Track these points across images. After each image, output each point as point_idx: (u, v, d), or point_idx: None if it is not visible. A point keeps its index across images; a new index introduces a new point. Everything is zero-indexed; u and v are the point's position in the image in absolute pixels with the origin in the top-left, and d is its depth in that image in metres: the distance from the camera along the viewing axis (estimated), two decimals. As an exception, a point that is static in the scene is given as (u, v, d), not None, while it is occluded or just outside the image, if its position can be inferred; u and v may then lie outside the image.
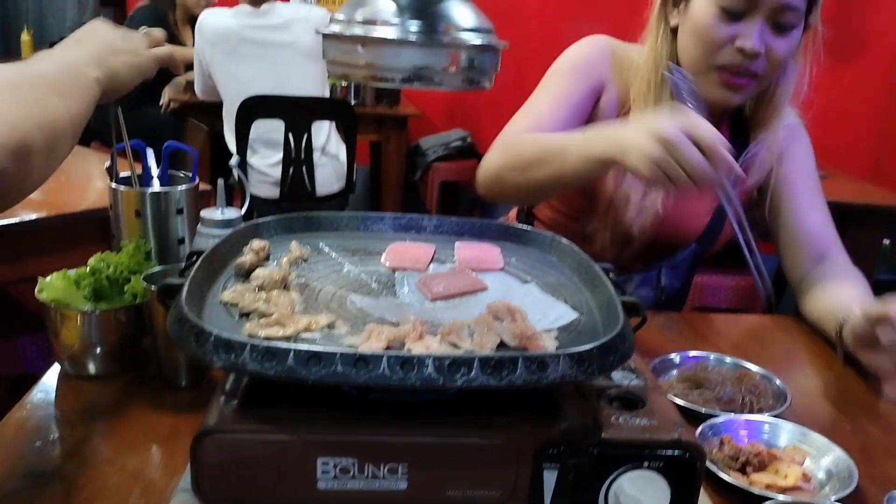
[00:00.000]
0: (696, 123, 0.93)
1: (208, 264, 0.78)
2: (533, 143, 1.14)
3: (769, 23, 1.12)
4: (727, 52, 1.14)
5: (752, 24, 1.11)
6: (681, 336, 1.18)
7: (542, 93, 1.27)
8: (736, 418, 0.89)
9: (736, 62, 1.13)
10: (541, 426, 0.68)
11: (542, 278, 0.87)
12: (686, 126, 0.92)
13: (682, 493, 0.67)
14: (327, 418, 0.67)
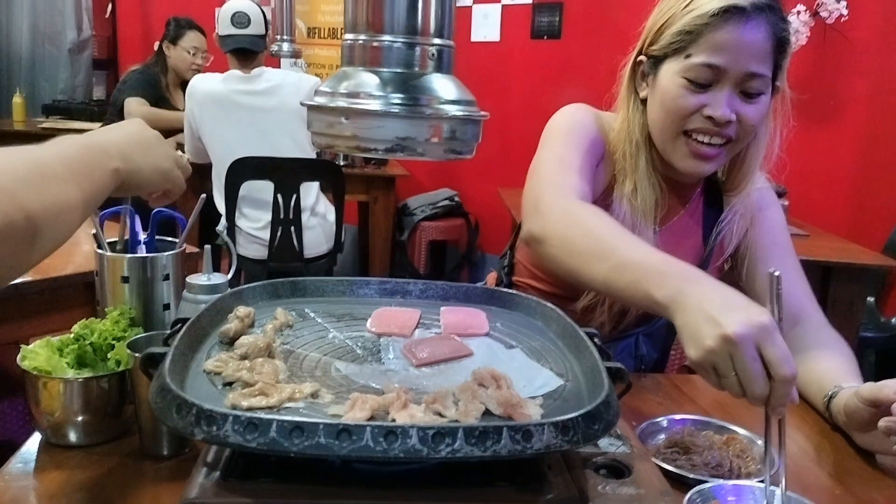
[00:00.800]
0: (774, 340, 0.80)
1: (192, 332, 0.78)
2: (588, 229, 1.04)
3: (736, 91, 1.15)
4: (696, 120, 1.16)
5: (719, 93, 1.14)
6: (667, 398, 1.18)
7: (556, 152, 1.23)
8: (724, 484, 0.88)
9: (706, 128, 1.16)
10: (526, 498, 0.68)
11: (528, 343, 0.87)
12: (761, 338, 0.80)
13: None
14: (310, 490, 0.67)
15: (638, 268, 0.94)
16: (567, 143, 1.22)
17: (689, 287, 0.88)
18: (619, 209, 1.22)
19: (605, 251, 0.99)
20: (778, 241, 1.32)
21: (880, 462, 1.03)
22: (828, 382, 1.10)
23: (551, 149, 1.23)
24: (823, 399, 1.10)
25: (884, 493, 0.95)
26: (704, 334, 0.82)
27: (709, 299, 0.85)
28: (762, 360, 0.80)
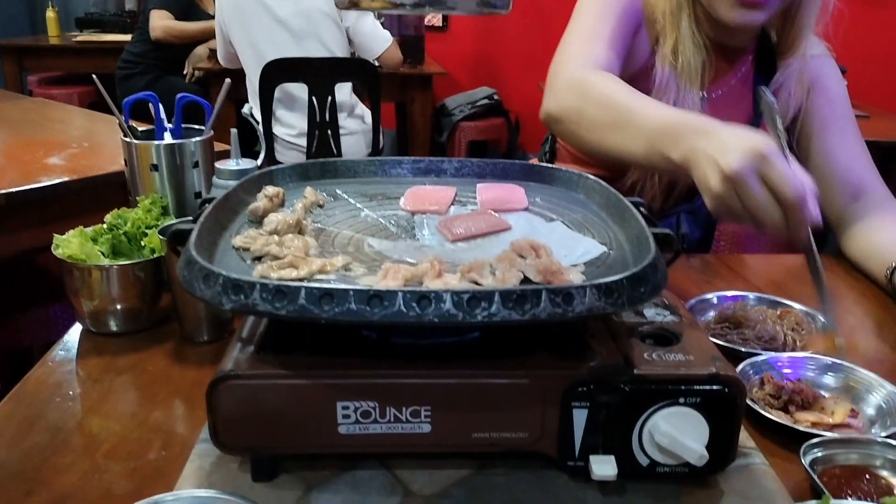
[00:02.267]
0: (772, 164, 0.79)
1: (220, 211, 0.76)
2: (600, 100, 1.01)
3: None
4: None
5: None
6: (718, 277, 1.13)
7: (585, 23, 1.15)
8: (778, 356, 0.84)
9: None
10: (569, 364, 0.65)
11: (569, 216, 0.83)
12: (760, 166, 0.78)
13: (721, 429, 0.64)
14: (346, 362, 0.65)
15: (652, 132, 0.91)
16: (597, 12, 1.15)
17: (700, 140, 0.85)
18: (661, 73, 1.14)
19: (619, 120, 0.96)
20: (838, 111, 1.24)
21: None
22: (891, 254, 1.04)
23: (579, 20, 1.17)
24: (886, 271, 1.04)
25: (949, 365, 0.91)
26: (710, 181, 0.81)
27: (713, 145, 0.82)
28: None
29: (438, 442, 0.65)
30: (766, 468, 0.69)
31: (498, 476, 0.68)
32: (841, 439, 0.70)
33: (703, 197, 0.85)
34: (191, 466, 0.68)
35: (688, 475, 0.66)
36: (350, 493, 0.66)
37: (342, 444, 0.65)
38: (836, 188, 1.20)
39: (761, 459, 0.70)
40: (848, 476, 0.68)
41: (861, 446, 0.70)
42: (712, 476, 0.67)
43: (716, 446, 0.64)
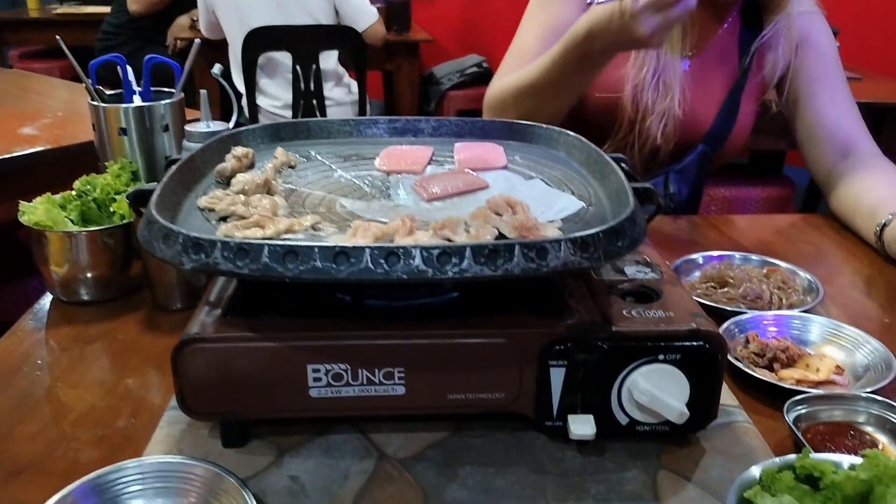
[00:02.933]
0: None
1: (186, 172, 0.73)
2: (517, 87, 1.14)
3: None
4: None
5: None
6: (705, 238, 1.12)
7: (527, 24, 1.24)
8: (763, 314, 0.83)
9: None
10: (546, 323, 0.63)
11: (548, 173, 0.80)
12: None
13: (702, 386, 0.62)
14: (316, 323, 0.63)
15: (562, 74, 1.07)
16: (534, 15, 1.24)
17: (600, 39, 0.99)
18: None
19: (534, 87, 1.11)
20: (827, 68, 1.21)
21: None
22: (881, 211, 1.03)
23: (525, 22, 1.26)
24: (876, 228, 1.02)
25: (937, 321, 0.89)
26: (636, 36, 0.94)
27: (613, 31, 0.96)
28: None
29: (413, 404, 0.64)
30: (749, 426, 0.68)
31: (475, 438, 0.67)
32: (825, 395, 0.69)
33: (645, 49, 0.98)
34: (160, 433, 0.66)
35: (668, 433, 0.64)
36: (323, 457, 0.64)
37: (314, 407, 0.63)
38: (825, 146, 1.18)
39: (744, 417, 0.69)
40: (832, 432, 0.66)
41: (845, 402, 0.68)
42: (693, 434, 0.66)
43: (697, 403, 0.62)
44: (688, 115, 1.18)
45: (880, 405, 0.67)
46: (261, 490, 0.60)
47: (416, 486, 0.61)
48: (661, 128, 1.15)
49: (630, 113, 1.17)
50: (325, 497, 0.60)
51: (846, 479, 0.47)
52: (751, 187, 2.32)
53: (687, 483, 0.61)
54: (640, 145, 1.19)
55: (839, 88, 1.20)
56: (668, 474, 0.62)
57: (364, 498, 0.60)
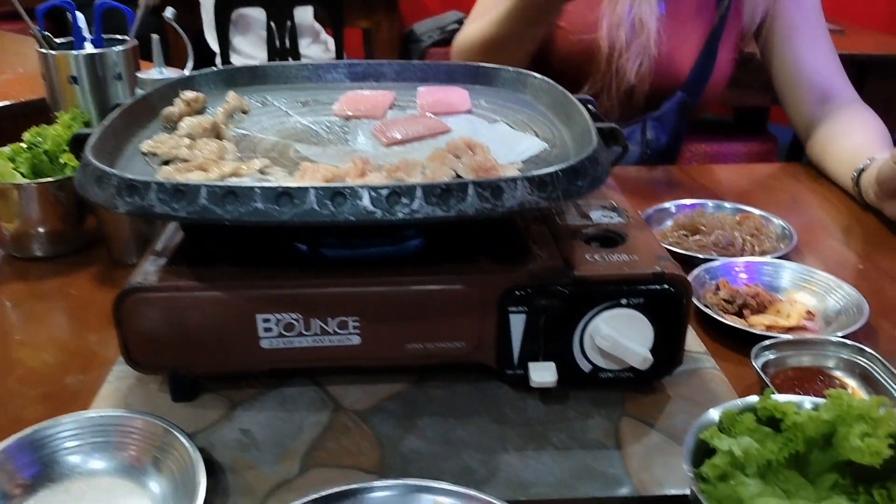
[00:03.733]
0: None
1: (131, 116, 0.70)
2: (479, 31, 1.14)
3: None
4: None
5: None
6: (680, 188, 1.09)
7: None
8: (734, 261, 0.81)
9: None
10: (505, 268, 0.61)
11: (513, 117, 0.77)
12: None
13: (666, 331, 0.60)
14: (264, 272, 0.60)
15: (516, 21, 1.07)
16: None
17: None
18: None
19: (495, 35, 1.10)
20: (805, 15, 1.18)
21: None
22: (858, 157, 1.00)
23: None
24: (853, 174, 1.00)
25: (912, 266, 0.88)
26: None
27: None
28: None
29: (370, 355, 0.61)
30: (716, 372, 0.66)
31: (436, 389, 0.65)
32: (794, 341, 0.67)
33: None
34: (107, 388, 0.64)
35: (632, 380, 0.62)
36: (277, 409, 0.62)
37: (266, 359, 0.61)
38: (803, 93, 1.16)
39: (711, 364, 0.67)
40: (801, 378, 0.65)
41: (814, 347, 0.67)
42: (658, 381, 0.64)
43: (661, 349, 0.60)
44: (664, 59, 1.15)
45: (850, 349, 0.66)
46: (210, 444, 0.58)
47: (373, 438, 0.59)
48: (637, 67, 1.13)
49: (605, 52, 1.14)
50: (277, 449, 0.58)
51: (808, 420, 0.45)
52: (733, 143, 2.29)
53: (650, 430, 0.60)
54: (616, 86, 1.16)
55: (818, 35, 1.17)
56: (632, 421, 0.60)
57: (317, 450, 0.58)
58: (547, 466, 0.56)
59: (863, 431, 0.43)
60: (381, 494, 0.50)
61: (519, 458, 0.57)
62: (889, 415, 0.44)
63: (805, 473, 0.46)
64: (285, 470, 0.56)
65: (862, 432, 0.43)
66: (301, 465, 0.56)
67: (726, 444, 0.42)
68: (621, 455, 0.57)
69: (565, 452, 0.57)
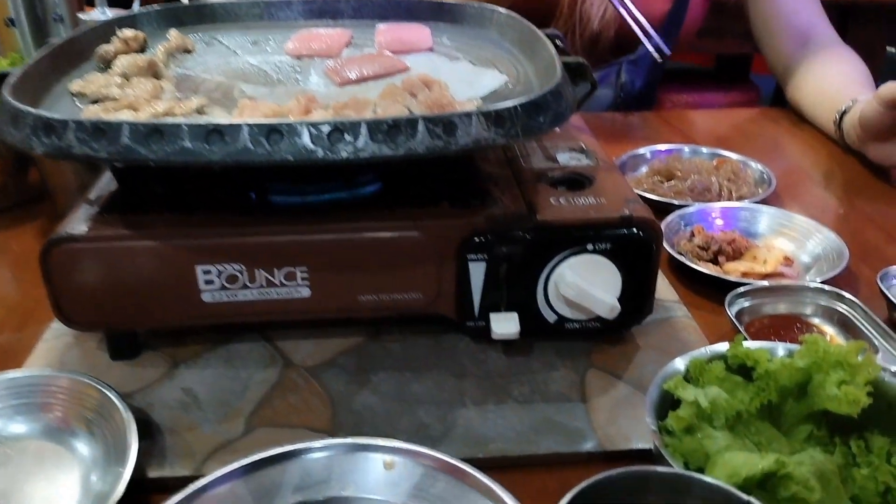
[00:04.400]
0: None
1: (63, 56, 0.64)
2: None
3: None
4: None
5: None
6: (656, 134, 1.05)
7: None
8: (710, 206, 0.77)
9: None
10: (464, 214, 0.57)
11: (476, 54, 0.73)
12: None
13: (635, 278, 0.57)
14: (203, 219, 0.56)
15: None
16: None
17: None
18: None
19: None
20: None
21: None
22: (840, 98, 0.96)
23: None
24: (835, 116, 0.96)
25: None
26: None
27: None
28: None
29: (320, 307, 0.58)
30: (689, 321, 0.63)
31: (393, 343, 0.61)
32: (770, 287, 0.64)
33: None
34: (42, 347, 0.60)
35: (600, 330, 0.59)
36: (222, 367, 0.58)
37: (208, 314, 0.57)
38: (782, 34, 1.11)
39: (684, 312, 0.64)
40: (777, 326, 0.62)
41: (791, 294, 0.63)
42: (627, 330, 0.61)
43: (630, 297, 0.57)
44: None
45: (829, 295, 0.63)
46: (148, 403, 0.54)
47: (323, 395, 0.56)
48: (601, 13, 1.07)
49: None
50: (221, 409, 0.54)
51: (782, 368, 0.42)
52: (713, 92, 2.23)
53: (618, 382, 0.56)
54: (580, 32, 1.11)
55: None
56: (598, 373, 0.57)
57: (264, 408, 0.54)
58: (507, 421, 0.53)
59: (840, 379, 0.40)
60: (325, 454, 0.46)
61: (478, 412, 0.54)
62: (868, 361, 0.41)
63: (778, 425, 0.43)
64: (228, 430, 0.52)
65: (839, 380, 0.40)
66: (246, 424, 0.53)
67: (692, 395, 0.39)
68: (586, 408, 0.54)
69: (527, 406, 0.54)
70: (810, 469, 0.36)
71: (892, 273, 0.65)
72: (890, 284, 0.64)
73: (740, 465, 0.36)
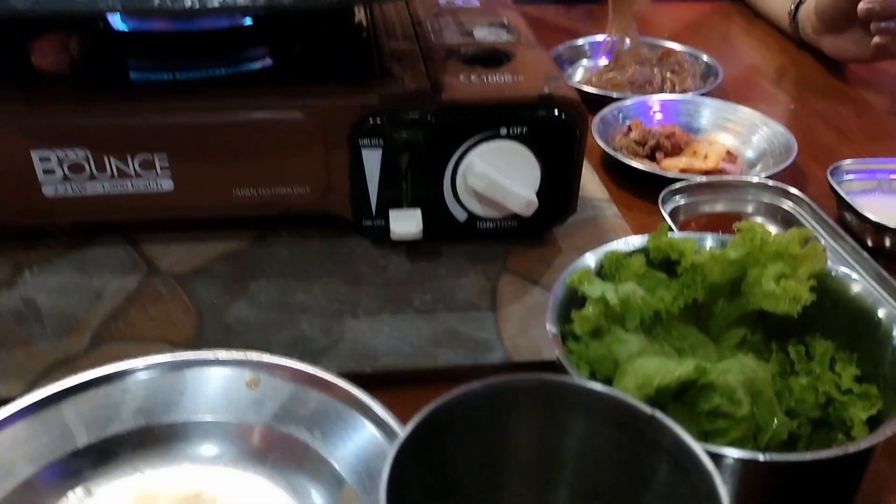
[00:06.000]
0: None
1: None
2: None
3: None
4: None
5: None
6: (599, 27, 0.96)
7: None
8: (648, 98, 0.69)
9: None
10: (355, 92, 0.48)
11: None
12: None
13: (556, 169, 0.49)
14: (37, 95, 0.46)
15: None
16: None
17: None
18: None
19: None
20: None
21: (852, 72, 0.84)
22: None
23: None
24: (790, 8, 0.88)
25: (850, 106, 0.78)
26: None
27: None
28: None
29: (186, 204, 0.49)
30: (619, 221, 0.56)
31: (280, 247, 0.53)
32: (708, 183, 0.57)
33: None
34: None
35: (517, 230, 0.52)
36: (73, 275, 0.49)
37: (51, 210, 0.48)
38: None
39: (614, 212, 0.57)
40: (715, 225, 0.55)
41: (732, 190, 0.57)
42: (548, 231, 0.54)
43: (550, 192, 0.49)
44: None
45: (773, 192, 0.56)
46: (-24, 316, 0.45)
47: (189, 306, 0.47)
48: None
49: None
50: (64, 322, 0.46)
51: (711, 261, 0.35)
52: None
53: (534, 287, 0.49)
54: None
55: None
56: (513, 278, 0.50)
57: (116, 321, 0.46)
58: (403, 332, 0.45)
59: (779, 272, 0.34)
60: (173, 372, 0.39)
61: (370, 323, 0.46)
62: (813, 251, 0.34)
63: (706, 329, 0.37)
64: (70, 345, 0.44)
65: (778, 273, 0.34)
66: (92, 339, 0.45)
67: (598, 290, 0.32)
68: (495, 317, 0.47)
69: (428, 316, 0.47)
70: (738, 378, 0.30)
71: (844, 168, 0.58)
72: (840, 180, 0.57)
73: (653, 373, 0.29)
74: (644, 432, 0.23)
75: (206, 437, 0.37)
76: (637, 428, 0.24)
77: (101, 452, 0.36)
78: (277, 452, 0.37)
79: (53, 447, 0.36)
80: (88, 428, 0.37)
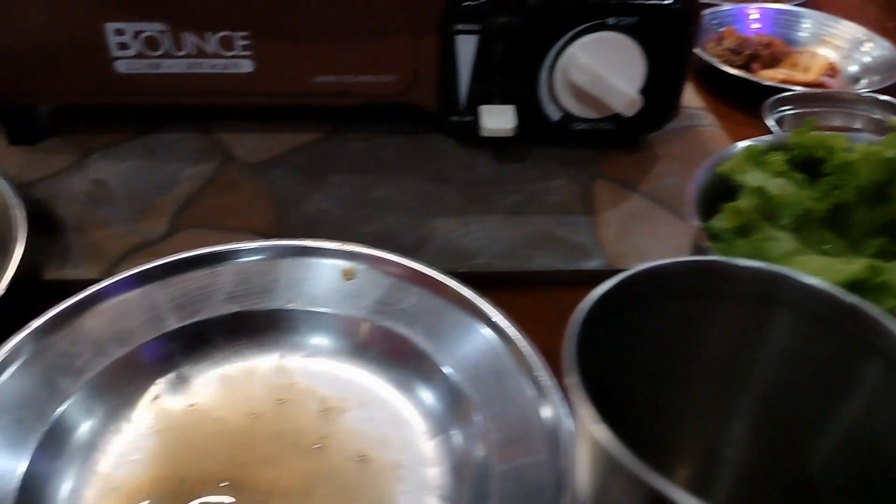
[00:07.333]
0: None
1: None
2: None
3: None
4: None
5: None
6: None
7: None
8: (744, 6, 0.65)
9: None
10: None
11: None
12: None
13: (663, 65, 0.45)
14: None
15: None
16: None
17: None
18: None
19: None
20: None
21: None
22: None
23: None
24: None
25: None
26: None
27: None
28: None
29: (266, 87, 0.46)
30: (717, 130, 0.52)
31: (357, 141, 0.50)
32: (816, 94, 0.53)
33: None
34: (-80, 128, 0.48)
35: (613, 134, 0.48)
36: (145, 158, 0.47)
37: (124, 88, 0.45)
38: None
39: (711, 121, 0.53)
40: (820, 140, 0.51)
41: (841, 104, 0.53)
42: (645, 136, 0.50)
43: (654, 91, 0.46)
44: None
45: (884, 107, 0.52)
46: (49, 195, 0.43)
47: (267, 195, 0.45)
48: None
49: None
50: (140, 205, 0.43)
51: (865, 159, 0.31)
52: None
53: (632, 193, 0.46)
54: None
55: None
56: (608, 184, 0.47)
57: (194, 207, 0.44)
58: (494, 233, 0.43)
59: (941, 173, 0.30)
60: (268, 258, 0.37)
61: (459, 223, 0.44)
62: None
63: (845, 235, 0.34)
64: (148, 230, 0.42)
65: (939, 175, 0.30)
66: (170, 224, 0.42)
67: (758, 179, 0.29)
68: (592, 221, 0.44)
69: (520, 217, 0.44)
70: (907, 281, 0.27)
71: (961, 85, 0.54)
72: (957, 97, 0.53)
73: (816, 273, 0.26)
74: (856, 332, 0.21)
75: (300, 326, 0.35)
76: (849, 328, 0.21)
77: (192, 337, 0.34)
78: (377, 347, 0.35)
79: (143, 329, 0.34)
80: (179, 312, 0.35)
